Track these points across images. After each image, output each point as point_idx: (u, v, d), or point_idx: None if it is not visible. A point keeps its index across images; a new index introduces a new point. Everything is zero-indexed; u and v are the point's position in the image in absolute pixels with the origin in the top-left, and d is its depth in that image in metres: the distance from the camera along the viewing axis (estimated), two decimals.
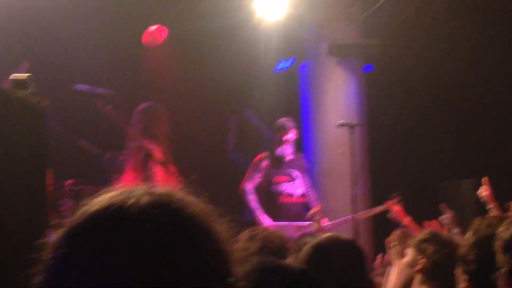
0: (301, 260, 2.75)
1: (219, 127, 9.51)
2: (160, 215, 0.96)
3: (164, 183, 6.26)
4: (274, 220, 7.29)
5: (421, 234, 3.82)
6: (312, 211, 6.91)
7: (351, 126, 7.41)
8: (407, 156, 9.55)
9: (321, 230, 6.43)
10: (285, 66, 9.62)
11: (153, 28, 8.95)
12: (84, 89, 5.20)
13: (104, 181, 7.85)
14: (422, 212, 6.42)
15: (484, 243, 2.51)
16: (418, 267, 3.53)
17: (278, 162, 7.54)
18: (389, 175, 9.35)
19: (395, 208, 5.95)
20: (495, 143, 9.16)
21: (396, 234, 4.37)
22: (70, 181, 7.35)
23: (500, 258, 2.35)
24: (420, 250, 3.57)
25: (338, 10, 8.78)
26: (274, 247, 3.51)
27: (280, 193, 7.45)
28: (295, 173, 7.52)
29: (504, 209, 4.89)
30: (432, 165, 9.48)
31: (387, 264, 4.40)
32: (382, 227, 7.06)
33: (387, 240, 4.47)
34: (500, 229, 2.39)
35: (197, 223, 0.99)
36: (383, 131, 9.01)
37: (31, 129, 3.47)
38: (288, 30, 8.95)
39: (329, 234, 3.08)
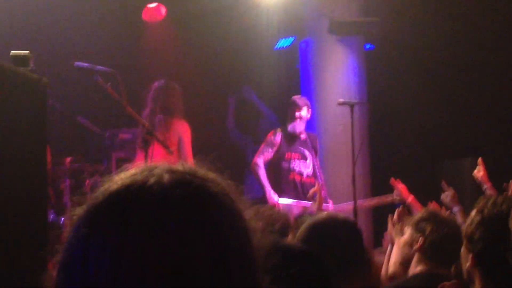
0: (298, 239, 2.74)
1: (219, 105, 9.48)
2: (182, 193, 0.94)
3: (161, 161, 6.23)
4: (282, 196, 7.30)
5: (419, 213, 3.82)
6: (312, 190, 6.89)
7: (351, 105, 7.39)
8: (407, 134, 9.54)
9: (321, 209, 6.42)
10: (285, 44, 9.56)
11: (152, 5, 8.89)
12: (84, 66, 5.16)
13: (103, 158, 7.85)
14: (422, 190, 6.43)
15: (491, 222, 2.50)
16: (416, 246, 3.53)
17: (291, 139, 7.52)
18: (390, 153, 9.35)
19: (399, 186, 5.94)
20: (497, 121, 9.14)
21: (397, 211, 4.36)
22: (69, 159, 7.34)
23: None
24: (418, 229, 3.57)
25: None
26: (277, 226, 3.51)
27: (290, 170, 7.45)
28: (307, 152, 7.51)
29: (502, 189, 4.88)
30: (433, 144, 9.47)
31: (388, 242, 4.40)
32: (382, 208, 7.07)
33: (389, 218, 4.46)
34: None
35: (220, 201, 0.97)
36: (384, 110, 8.98)
37: (31, 105, 3.45)
38: (289, 7, 8.89)
39: (327, 212, 3.08)
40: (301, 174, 7.46)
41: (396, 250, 3.84)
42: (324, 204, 6.83)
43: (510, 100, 9.06)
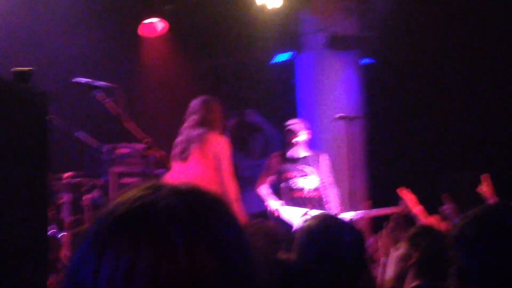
0: (295, 245, 2.76)
1: None
2: (189, 213, 0.98)
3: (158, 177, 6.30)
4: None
5: (414, 228, 3.83)
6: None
7: (349, 119, 7.41)
8: (404, 148, 9.56)
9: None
10: (282, 59, 9.61)
11: (148, 21, 8.94)
12: (83, 82, 5.18)
13: (101, 173, 7.87)
14: (420, 203, 6.44)
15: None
16: (411, 261, 3.54)
17: (288, 160, 7.51)
18: (387, 167, 9.37)
19: (407, 196, 5.91)
20: (495, 135, 9.17)
21: (391, 221, 4.39)
22: (67, 173, 7.36)
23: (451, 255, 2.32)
24: (413, 244, 3.58)
25: (336, 2, 8.78)
26: (275, 240, 3.52)
27: (291, 189, 7.42)
28: (309, 168, 7.46)
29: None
30: (431, 157, 9.50)
31: (381, 254, 4.42)
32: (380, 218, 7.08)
33: (383, 228, 4.50)
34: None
35: (223, 220, 1.01)
36: (381, 124, 9.02)
37: (32, 121, 3.48)
38: (286, 21, 8.95)
39: (318, 214, 3.07)
40: (301, 189, 7.42)
41: (392, 265, 3.86)
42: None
43: (509, 113, 9.09)
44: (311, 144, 7.68)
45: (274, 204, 7.28)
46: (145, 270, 0.93)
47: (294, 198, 7.37)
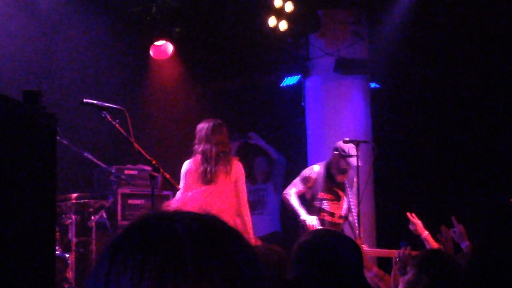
0: (293, 260, 2.76)
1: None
2: (204, 239, 0.99)
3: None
4: None
5: (423, 253, 3.81)
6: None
7: (356, 143, 7.40)
8: (412, 172, 9.54)
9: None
10: (291, 83, 9.63)
11: (159, 43, 8.99)
12: (92, 103, 5.21)
13: (108, 194, 7.87)
14: (428, 227, 6.42)
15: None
16: (420, 286, 3.53)
17: (328, 181, 7.42)
18: (395, 191, 9.35)
19: (415, 221, 5.89)
20: (503, 159, 9.15)
21: (401, 253, 4.37)
22: (74, 195, 7.36)
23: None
24: (422, 269, 3.56)
25: (345, 26, 8.81)
26: (273, 262, 3.51)
27: (321, 210, 7.35)
28: (342, 194, 7.39)
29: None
30: (439, 181, 9.47)
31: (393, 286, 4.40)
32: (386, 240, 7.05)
33: (393, 260, 4.47)
34: None
35: (237, 248, 1.01)
36: (389, 148, 9.00)
37: (41, 141, 3.49)
38: (295, 45, 8.98)
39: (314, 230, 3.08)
40: (332, 214, 7.35)
41: None
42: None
43: None
44: (315, 162, 7.63)
45: (311, 219, 7.17)
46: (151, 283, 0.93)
47: (324, 220, 7.30)
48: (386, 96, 9.38)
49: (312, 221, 7.13)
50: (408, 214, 5.94)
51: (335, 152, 7.32)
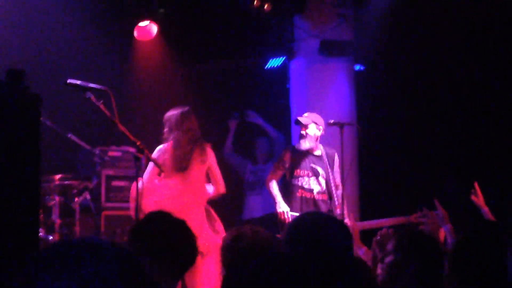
0: (286, 236, 2.77)
1: (211, 124, 9.48)
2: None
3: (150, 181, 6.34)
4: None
5: (408, 235, 3.82)
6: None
7: (341, 125, 7.43)
8: (396, 155, 9.57)
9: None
10: (275, 64, 9.61)
11: (143, 24, 8.93)
12: (76, 83, 5.17)
13: (92, 176, 7.85)
14: (411, 210, 6.46)
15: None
16: (405, 268, 3.53)
17: (301, 156, 7.47)
18: (378, 174, 9.39)
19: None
20: (488, 143, 9.19)
21: (382, 233, 4.39)
22: (58, 176, 7.33)
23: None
24: (407, 251, 3.57)
25: (330, 8, 8.79)
26: (261, 246, 3.51)
27: (299, 187, 7.40)
28: (320, 169, 7.44)
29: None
30: (422, 164, 9.50)
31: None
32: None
33: (374, 239, 4.50)
34: None
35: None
36: (373, 130, 9.02)
37: (25, 121, 3.46)
38: (279, 27, 8.96)
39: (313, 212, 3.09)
40: (311, 191, 7.39)
41: (383, 271, 3.84)
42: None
43: (502, 121, 9.12)
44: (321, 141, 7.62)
45: (284, 207, 7.25)
46: None
47: (303, 198, 7.35)
48: (370, 78, 9.39)
49: (285, 209, 7.23)
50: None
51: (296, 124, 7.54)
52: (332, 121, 7.51)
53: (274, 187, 7.43)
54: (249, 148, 9.18)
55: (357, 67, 9.29)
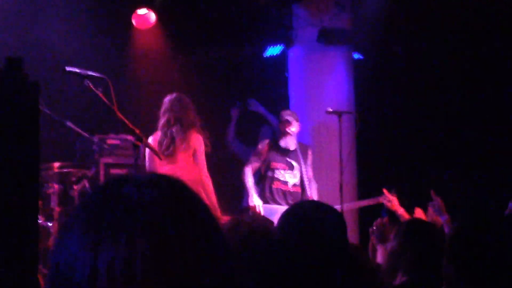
0: (278, 228, 2.78)
1: (209, 113, 9.45)
2: (173, 203, 1.02)
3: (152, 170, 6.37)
4: (268, 204, 7.40)
5: (406, 223, 3.84)
6: None
7: (339, 114, 7.45)
8: (395, 143, 9.58)
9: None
10: (274, 53, 9.60)
11: (141, 11, 8.92)
12: (74, 71, 5.16)
13: (91, 164, 7.85)
14: (409, 198, 6.47)
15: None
16: (403, 256, 3.54)
17: (279, 150, 7.60)
18: (377, 162, 9.40)
19: (391, 198, 5.96)
20: (485, 133, 9.20)
21: (377, 223, 4.40)
22: (57, 163, 7.34)
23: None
24: (405, 238, 3.58)
25: None
26: (259, 234, 3.51)
27: (274, 179, 7.55)
28: (295, 163, 7.59)
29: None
30: (420, 153, 9.52)
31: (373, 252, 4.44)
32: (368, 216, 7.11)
33: (370, 230, 4.51)
34: None
35: (198, 206, 1.05)
36: (372, 119, 9.03)
37: (24, 109, 3.47)
38: (278, 15, 8.94)
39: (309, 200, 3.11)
40: (285, 183, 7.56)
41: (382, 259, 3.86)
42: None
43: (501, 110, 9.13)
44: (299, 136, 7.78)
45: (257, 200, 7.37)
46: (143, 260, 0.95)
47: (277, 189, 7.51)
48: (369, 67, 9.39)
49: (257, 202, 7.35)
50: (382, 196, 5.99)
51: (280, 123, 7.64)
52: (330, 109, 7.54)
53: (249, 179, 7.56)
54: (252, 136, 9.18)
55: (355, 56, 9.28)
